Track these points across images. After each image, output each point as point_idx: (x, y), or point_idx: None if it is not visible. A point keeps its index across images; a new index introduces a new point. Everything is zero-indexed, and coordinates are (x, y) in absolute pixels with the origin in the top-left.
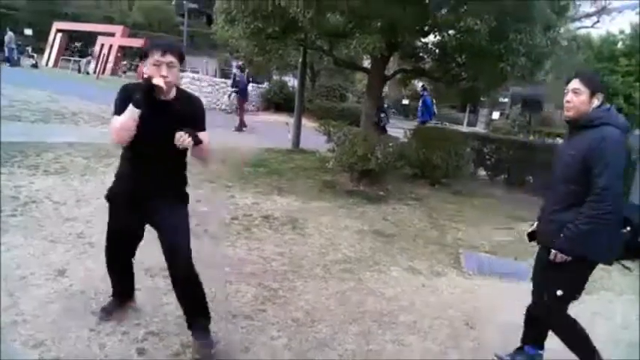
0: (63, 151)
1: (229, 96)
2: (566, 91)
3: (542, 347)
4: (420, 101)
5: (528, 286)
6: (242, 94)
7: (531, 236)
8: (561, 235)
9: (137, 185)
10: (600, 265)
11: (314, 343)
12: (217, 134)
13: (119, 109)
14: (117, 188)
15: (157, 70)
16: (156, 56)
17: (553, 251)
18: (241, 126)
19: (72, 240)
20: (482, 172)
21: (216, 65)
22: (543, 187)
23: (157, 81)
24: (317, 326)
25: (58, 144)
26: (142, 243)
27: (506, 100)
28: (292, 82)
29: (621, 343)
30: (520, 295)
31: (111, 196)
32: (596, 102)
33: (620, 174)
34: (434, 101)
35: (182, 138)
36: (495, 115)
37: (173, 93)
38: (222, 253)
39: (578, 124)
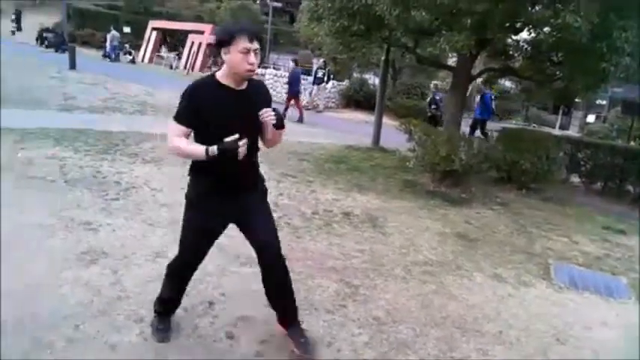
0: (158, 141)
1: (310, 93)
2: None
3: None
4: (478, 97)
5: (627, 305)
6: (291, 87)
7: None
8: None
9: (221, 181)
10: None
11: (395, 344)
12: (296, 129)
13: (182, 116)
14: (200, 186)
15: (245, 58)
16: (243, 43)
17: None
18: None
19: (168, 224)
20: (575, 179)
21: None
22: None
23: (241, 151)
24: (398, 327)
25: (153, 135)
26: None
27: (603, 102)
28: (372, 79)
29: None
30: (617, 313)
31: (197, 196)
32: None
33: None
34: (492, 98)
35: (267, 113)
36: (591, 118)
37: (246, 82)
38: (304, 247)
39: None
